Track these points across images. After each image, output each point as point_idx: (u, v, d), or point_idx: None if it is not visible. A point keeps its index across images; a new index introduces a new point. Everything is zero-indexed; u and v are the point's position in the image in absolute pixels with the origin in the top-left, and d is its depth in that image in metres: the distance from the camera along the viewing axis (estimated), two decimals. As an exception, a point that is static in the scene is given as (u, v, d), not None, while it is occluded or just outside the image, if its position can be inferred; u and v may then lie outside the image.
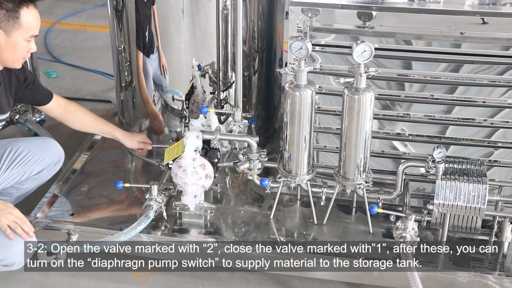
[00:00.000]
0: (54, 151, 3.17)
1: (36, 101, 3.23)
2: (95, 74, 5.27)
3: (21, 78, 3.03)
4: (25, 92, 3.08)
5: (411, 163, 3.02)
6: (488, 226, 3.08)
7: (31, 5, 2.76)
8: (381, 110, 3.18)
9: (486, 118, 3.11)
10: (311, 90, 2.92)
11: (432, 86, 3.11)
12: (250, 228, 3.15)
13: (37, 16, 2.80)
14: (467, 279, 2.85)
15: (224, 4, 3.12)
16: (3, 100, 2.94)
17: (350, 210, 3.25)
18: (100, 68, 5.28)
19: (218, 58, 3.26)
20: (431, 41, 3.03)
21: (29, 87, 3.09)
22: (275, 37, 3.43)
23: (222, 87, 3.32)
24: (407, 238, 2.82)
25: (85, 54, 5.57)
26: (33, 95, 3.15)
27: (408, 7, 3.00)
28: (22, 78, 3.03)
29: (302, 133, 2.99)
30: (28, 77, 3.08)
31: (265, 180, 3.10)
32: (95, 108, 4.34)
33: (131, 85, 3.61)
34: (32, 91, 3.12)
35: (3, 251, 2.71)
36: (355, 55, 2.77)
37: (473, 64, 3.04)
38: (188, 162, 2.99)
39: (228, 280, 3.15)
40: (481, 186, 2.84)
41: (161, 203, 3.11)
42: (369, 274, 2.93)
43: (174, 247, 3.07)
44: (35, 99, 3.20)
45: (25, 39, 2.77)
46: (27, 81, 3.07)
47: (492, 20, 2.91)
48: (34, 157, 3.06)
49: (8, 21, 2.70)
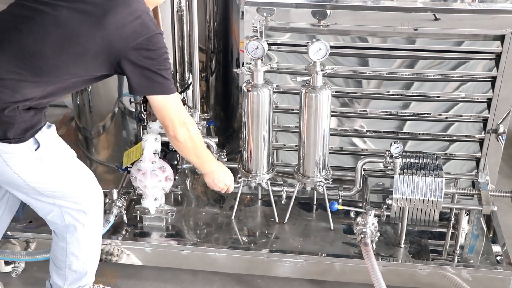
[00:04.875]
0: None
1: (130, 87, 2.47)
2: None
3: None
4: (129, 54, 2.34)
5: (369, 159, 3.06)
6: (446, 218, 3.14)
7: None
8: (339, 107, 3.21)
9: (441, 112, 3.17)
10: (269, 89, 2.93)
11: (388, 83, 3.16)
12: (212, 229, 3.15)
13: None
14: (426, 271, 2.90)
15: (179, 6, 3.10)
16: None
17: (311, 208, 3.28)
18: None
19: (175, 59, 3.25)
20: (386, 38, 3.07)
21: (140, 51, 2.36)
22: (231, 37, 3.43)
23: (179, 89, 3.30)
24: (368, 233, 2.85)
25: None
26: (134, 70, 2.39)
27: (362, 4, 3.03)
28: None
29: (261, 132, 3.00)
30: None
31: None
32: (51, 113, 4.20)
33: (87, 89, 3.56)
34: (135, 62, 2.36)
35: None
36: (310, 54, 2.79)
37: (427, 60, 3.10)
38: (148, 165, 2.97)
39: (191, 282, 3.14)
40: (438, 180, 2.88)
41: (121, 207, 3.08)
42: (332, 271, 2.96)
43: (135, 251, 3.05)
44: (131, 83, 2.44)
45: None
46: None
47: (444, 16, 2.96)
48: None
49: None
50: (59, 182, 2.52)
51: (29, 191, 2.50)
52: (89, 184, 2.65)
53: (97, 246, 2.79)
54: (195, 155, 2.74)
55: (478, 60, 3.07)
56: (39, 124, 2.40)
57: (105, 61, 2.35)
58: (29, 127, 2.35)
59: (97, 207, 2.68)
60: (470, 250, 3.03)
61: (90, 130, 3.71)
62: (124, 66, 2.36)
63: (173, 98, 2.51)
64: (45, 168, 2.45)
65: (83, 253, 2.70)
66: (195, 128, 2.65)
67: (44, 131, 2.43)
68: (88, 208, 2.62)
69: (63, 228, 2.63)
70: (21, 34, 2.29)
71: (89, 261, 2.75)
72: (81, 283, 2.77)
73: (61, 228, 2.64)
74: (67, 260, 2.70)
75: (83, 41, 2.29)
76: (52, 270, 2.78)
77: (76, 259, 2.70)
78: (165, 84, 2.45)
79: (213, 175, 2.88)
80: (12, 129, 2.31)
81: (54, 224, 2.65)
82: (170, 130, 2.58)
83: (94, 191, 2.66)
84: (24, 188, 2.47)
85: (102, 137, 3.70)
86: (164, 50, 2.42)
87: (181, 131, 2.58)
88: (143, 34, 2.34)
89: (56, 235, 2.69)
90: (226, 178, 2.93)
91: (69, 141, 3.82)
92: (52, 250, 2.76)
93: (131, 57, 2.34)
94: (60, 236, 2.67)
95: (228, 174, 2.95)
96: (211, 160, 2.86)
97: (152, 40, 2.36)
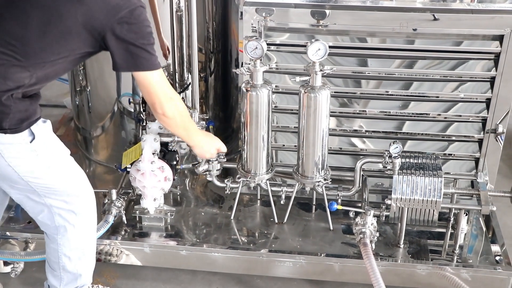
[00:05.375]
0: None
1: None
2: (50, 79, 5.18)
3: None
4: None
5: (368, 159, 3.06)
6: (445, 218, 3.14)
7: None
8: (338, 107, 3.21)
9: (440, 112, 3.17)
10: (268, 89, 2.93)
11: (387, 83, 3.16)
12: (211, 229, 3.15)
13: None
14: (426, 271, 2.90)
15: (178, 6, 3.10)
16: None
17: (310, 208, 3.28)
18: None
19: (174, 60, 3.24)
20: (385, 38, 3.07)
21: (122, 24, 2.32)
22: (230, 38, 3.43)
23: (178, 89, 3.30)
24: (367, 234, 2.85)
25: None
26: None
27: (361, 5, 3.04)
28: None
29: (260, 132, 3.00)
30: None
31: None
32: (50, 113, 4.26)
33: (86, 90, 3.56)
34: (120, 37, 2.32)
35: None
36: (309, 54, 2.79)
37: (426, 60, 3.10)
38: (147, 165, 2.97)
39: (190, 282, 3.14)
40: (437, 180, 2.88)
41: (120, 208, 3.08)
42: (331, 271, 2.96)
43: (135, 251, 3.05)
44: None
45: None
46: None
47: (443, 16, 2.96)
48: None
49: None
50: (52, 177, 2.49)
51: (21, 187, 2.48)
52: (81, 184, 2.63)
53: (89, 247, 2.76)
54: (183, 129, 2.71)
55: (477, 60, 3.07)
56: (34, 116, 2.39)
57: (88, 38, 2.32)
58: (25, 118, 2.35)
59: (88, 208, 2.66)
60: (469, 250, 3.03)
61: (89, 131, 3.71)
62: (108, 41, 2.33)
63: (158, 74, 2.45)
64: (39, 161, 2.43)
65: (75, 254, 2.69)
66: (181, 102, 2.63)
67: (40, 124, 2.42)
68: (78, 208, 2.60)
69: (54, 230, 2.62)
70: (5, 21, 2.29)
71: (82, 262, 2.73)
72: (77, 283, 2.76)
73: (52, 229, 2.63)
74: (60, 262, 2.69)
75: (64, 19, 2.27)
76: (48, 271, 2.78)
77: (68, 260, 2.69)
78: (150, 59, 2.40)
79: (202, 144, 2.86)
80: (8, 119, 2.31)
81: (45, 225, 2.64)
82: (157, 108, 2.52)
83: (85, 191, 2.64)
84: (17, 183, 2.45)
85: (101, 137, 3.69)
86: (147, 23, 2.38)
87: (169, 106, 2.53)
88: (125, 8, 2.30)
89: (47, 236, 2.68)
90: (214, 143, 2.93)
91: (68, 141, 3.86)
92: (46, 252, 2.75)
93: (114, 31, 2.30)
94: (51, 238, 2.66)
95: (215, 139, 2.95)
96: (197, 130, 2.85)
97: (134, 13, 2.32)
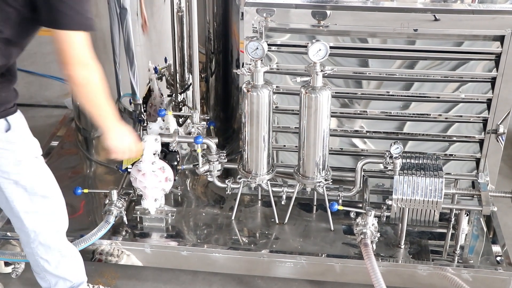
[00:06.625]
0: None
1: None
2: (50, 80, 5.19)
3: None
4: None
5: (369, 159, 3.05)
6: (446, 219, 3.14)
7: None
8: (339, 108, 3.21)
9: (441, 113, 3.17)
10: (268, 90, 2.93)
11: (388, 83, 3.16)
12: (212, 230, 3.15)
13: None
14: (427, 271, 2.90)
15: (179, 6, 3.10)
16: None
17: (311, 208, 3.28)
18: (55, 74, 5.19)
19: (175, 60, 3.25)
20: (386, 38, 3.07)
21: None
22: (231, 38, 3.43)
23: (179, 90, 3.30)
24: (368, 234, 2.85)
25: (39, 60, 5.47)
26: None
27: (362, 5, 3.04)
28: None
29: (261, 133, 3.00)
30: None
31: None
32: (50, 114, 4.27)
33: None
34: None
35: None
36: (310, 54, 2.79)
37: (427, 60, 3.10)
38: (147, 166, 2.97)
39: (191, 282, 3.14)
40: (438, 180, 2.88)
41: (121, 208, 3.08)
42: (332, 271, 2.96)
43: (135, 251, 3.05)
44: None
45: None
46: None
47: (444, 16, 2.96)
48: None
49: None
50: (23, 172, 2.43)
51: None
52: (51, 187, 2.57)
53: (66, 248, 2.70)
54: (95, 105, 2.45)
55: (478, 60, 3.07)
56: (8, 103, 2.33)
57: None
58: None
59: (57, 211, 2.61)
60: (470, 250, 3.03)
61: (90, 131, 3.71)
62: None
63: (80, 36, 2.23)
64: (12, 154, 2.37)
65: (51, 257, 2.65)
66: (98, 74, 2.36)
67: (17, 116, 2.37)
68: (46, 210, 2.56)
69: (25, 235, 2.59)
70: None
71: (63, 265, 2.69)
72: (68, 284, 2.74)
73: (23, 235, 2.60)
74: (39, 265, 2.67)
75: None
76: (35, 276, 2.77)
77: (47, 263, 2.66)
78: (72, 16, 2.19)
79: (121, 134, 2.64)
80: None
81: (17, 229, 2.61)
82: (69, 69, 2.27)
83: (54, 193, 2.59)
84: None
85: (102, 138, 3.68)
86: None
87: (80, 70, 2.29)
88: None
89: (21, 241, 2.67)
90: (134, 140, 2.72)
91: (69, 141, 3.87)
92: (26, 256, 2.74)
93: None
94: (25, 242, 2.64)
95: (127, 133, 2.69)
96: (115, 114, 2.58)
97: None
